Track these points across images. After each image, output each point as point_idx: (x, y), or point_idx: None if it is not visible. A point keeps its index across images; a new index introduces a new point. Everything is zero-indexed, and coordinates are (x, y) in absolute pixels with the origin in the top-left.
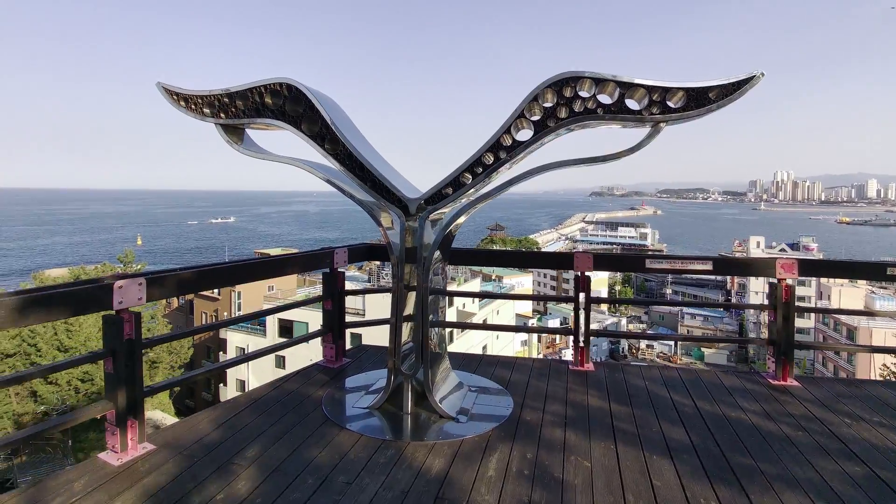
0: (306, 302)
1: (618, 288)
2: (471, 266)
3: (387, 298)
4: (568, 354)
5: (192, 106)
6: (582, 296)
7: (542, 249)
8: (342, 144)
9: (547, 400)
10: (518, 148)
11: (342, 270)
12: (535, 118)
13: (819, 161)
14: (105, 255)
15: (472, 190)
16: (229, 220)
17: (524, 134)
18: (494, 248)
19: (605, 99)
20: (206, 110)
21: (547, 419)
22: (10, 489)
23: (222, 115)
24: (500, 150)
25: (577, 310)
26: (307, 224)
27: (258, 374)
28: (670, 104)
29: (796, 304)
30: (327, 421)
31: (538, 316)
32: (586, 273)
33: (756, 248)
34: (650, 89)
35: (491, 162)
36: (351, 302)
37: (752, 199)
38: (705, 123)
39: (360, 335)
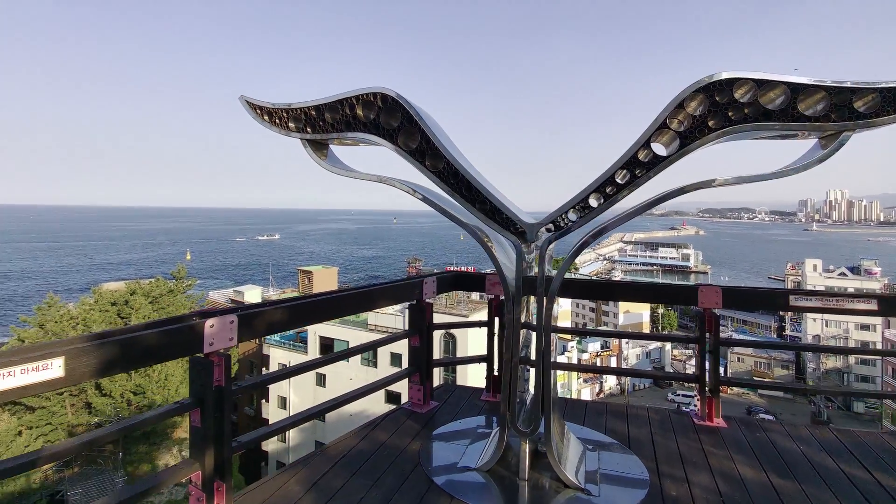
0: (395, 338)
1: (661, 311)
2: (580, 299)
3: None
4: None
5: (277, 120)
6: (708, 336)
7: (580, 271)
8: (445, 161)
9: (686, 467)
10: (658, 163)
11: (430, 301)
12: (681, 129)
13: (876, 179)
14: (158, 269)
15: (601, 213)
16: (275, 237)
17: (664, 147)
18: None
19: (770, 104)
20: (292, 124)
21: (698, 495)
22: (61, 502)
23: (309, 129)
24: (637, 166)
25: (702, 353)
26: (345, 241)
27: (299, 392)
28: (859, 108)
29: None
30: (431, 486)
31: (577, 340)
32: (713, 310)
33: (812, 271)
34: (832, 91)
35: (625, 180)
36: (392, 321)
37: (803, 220)
38: None
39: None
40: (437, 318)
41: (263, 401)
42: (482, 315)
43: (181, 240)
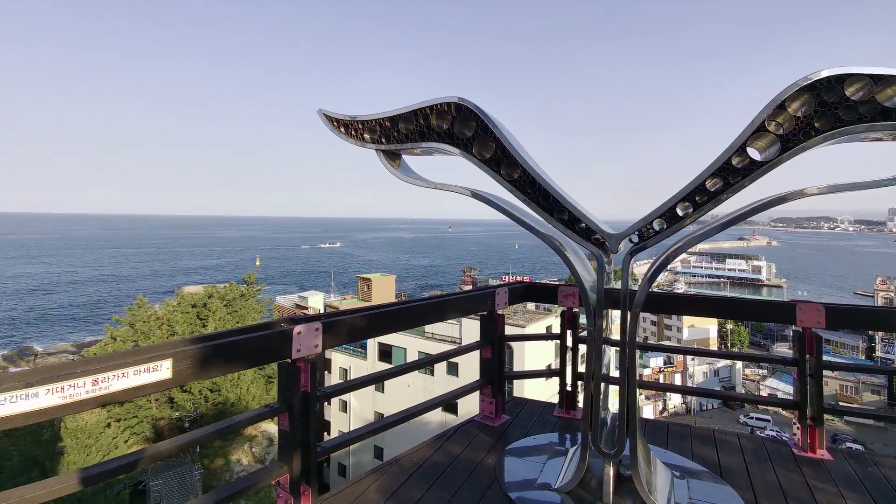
0: (467, 349)
1: (729, 327)
2: (661, 313)
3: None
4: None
5: (353, 132)
6: (809, 359)
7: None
8: (521, 169)
9: (790, 503)
10: (755, 170)
11: (501, 313)
12: (781, 131)
13: None
14: (231, 275)
15: (691, 223)
16: (336, 245)
17: (760, 152)
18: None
19: (888, 101)
20: (367, 136)
21: None
22: (142, 492)
23: (384, 140)
24: (730, 173)
25: (802, 377)
26: (401, 250)
27: (359, 397)
28: None
29: None
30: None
31: (639, 354)
32: (814, 329)
33: None
34: None
35: (717, 188)
36: (448, 329)
37: (894, 230)
38: None
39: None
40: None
41: (326, 403)
42: (538, 326)
43: (251, 247)
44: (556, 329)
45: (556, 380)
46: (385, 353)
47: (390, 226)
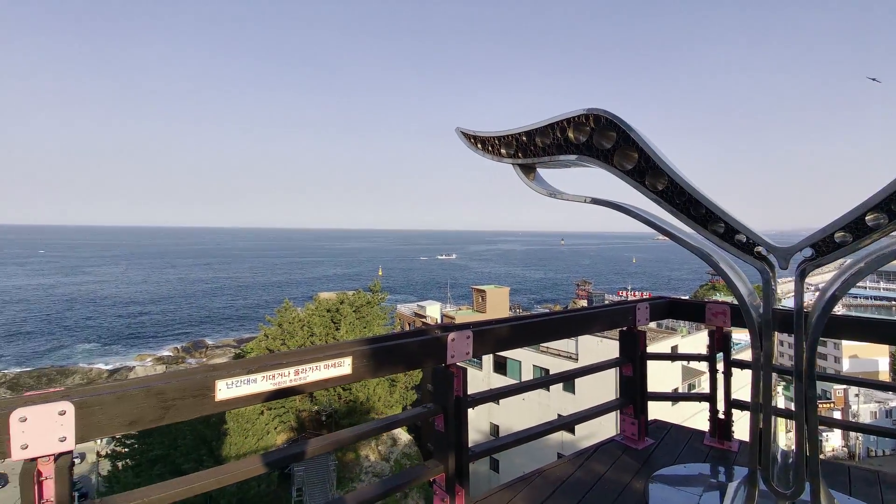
0: (607, 365)
1: None
2: (825, 337)
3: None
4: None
5: (489, 148)
6: None
7: (783, 303)
8: (668, 179)
9: None
10: None
11: (643, 329)
12: None
13: None
14: (358, 283)
15: (881, 237)
16: (452, 256)
17: None
18: (718, 296)
19: None
20: (503, 151)
21: None
22: (288, 476)
23: (520, 154)
24: None
25: None
26: (513, 262)
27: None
28: None
29: None
30: None
31: (784, 385)
32: None
33: None
34: None
35: None
36: (562, 343)
37: None
38: None
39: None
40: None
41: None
42: (662, 346)
43: (374, 258)
44: (686, 348)
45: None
46: (500, 365)
47: (502, 238)
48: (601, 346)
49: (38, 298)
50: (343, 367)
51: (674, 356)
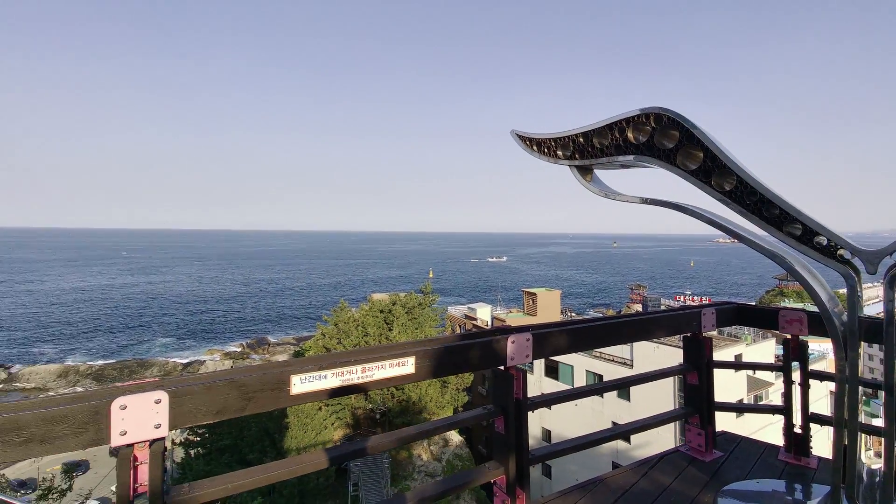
0: (670, 372)
1: None
2: None
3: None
4: None
5: (546, 150)
6: None
7: (865, 311)
8: (737, 178)
9: None
10: None
11: (709, 336)
12: None
13: None
14: (410, 285)
15: None
16: (502, 259)
17: None
18: (787, 302)
19: None
20: (560, 152)
21: None
22: (344, 471)
23: (577, 155)
24: None
25: None
26: (563, 265)
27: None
28: None
29: None
30: None
31: (865, 400)
32: None
33: None
34: None
35: None
36: (616, 349)
37: None
38: None
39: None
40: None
41: None
42: (724, 354)
43: (425, 260)
44: (751, 357)
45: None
46: (552, 369)
47: (552, 241)
48: (657, 353)
49: (123, 296)
50: (407, 366)
51: (744, 365)
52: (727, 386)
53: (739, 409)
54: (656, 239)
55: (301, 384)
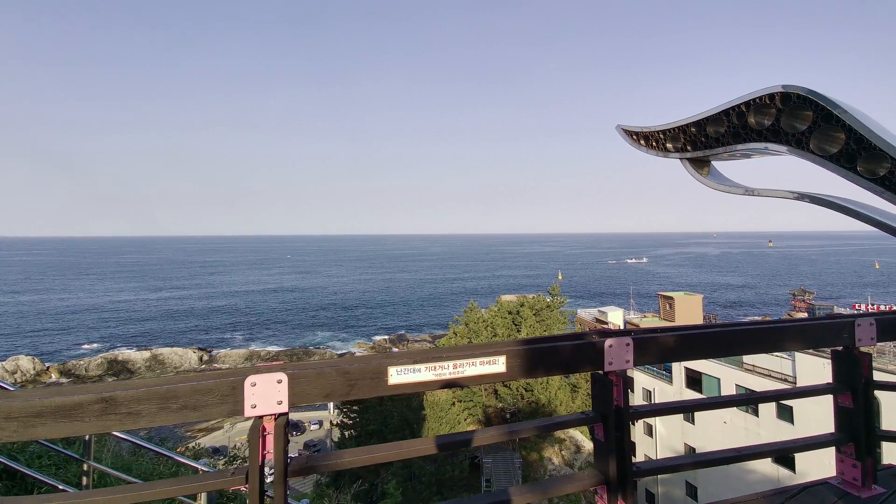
0: (810, 392)
1: None
2: None
3: None
4: None
5: (654, 143)
6: None
7: None
8: (892, 161)
9: None
10: None
11: (867, 351)
12: None
13: None
14: (538, 287)
15: None
16: (643, 260)
17: None
18: None
19: None
20: (670, 145)
21: None
22: (478, 465)
23: (689, 147)
24: None
25: None
26: (705, 267)
27: (666, 424)
28: None
29: None
30: None
31: None
32: None
33: None
34: None
35: None
36: (776, 363)
37: None
38: None
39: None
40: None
41: (631, 423)
42: None
43: (553, 262)
44: None
45: None
46: (694, 380)
47: (693, 241)
48: (828, 370)
49: (290, 292)
50: (497, 364)
51: None
52: None
53: None
54: (823, 237)
55: (397, 375)
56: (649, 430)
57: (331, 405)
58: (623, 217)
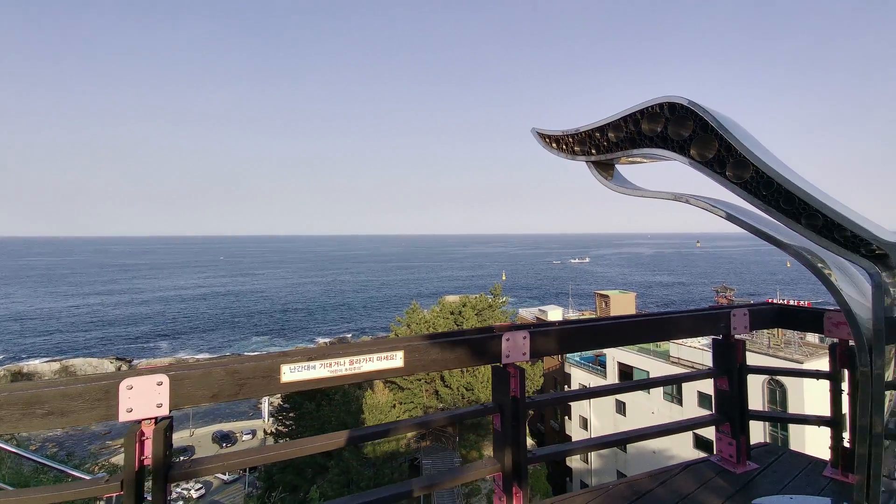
0: (697, 376)
1: None
2: None
3: None
4: None
5: (564, 146)
6: None
7: None
8: (753, 168)
9: None
10: None
11: (742, 338)
12: None
13: None
14: (481, 287)
15: None
16: (586, 260)
17: None
18: None
19: None
20: (577, 148)
21: None
22: (416, 468)
23: (593, 151)
24: None
25: None
26: (639, 266)
27: (600, 417)
28: None
29: None
30: None
31: None
32: None
33: None
34: None
35: None
36: (699, 356)
37: None
38: None
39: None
40: (758, 360)
41: (566, 418)
42: (821, 363)
43: (499, 262)
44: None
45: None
46: (626, 374)
47: (630, 241)
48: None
49: (223, 296)
50: (395, 360)
51: (780, 371)
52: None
53: (779, 418)
54: (744, 237)
55: (291, 373)
56: (584, 424)
57: (265, 413)
58: (570, 218)
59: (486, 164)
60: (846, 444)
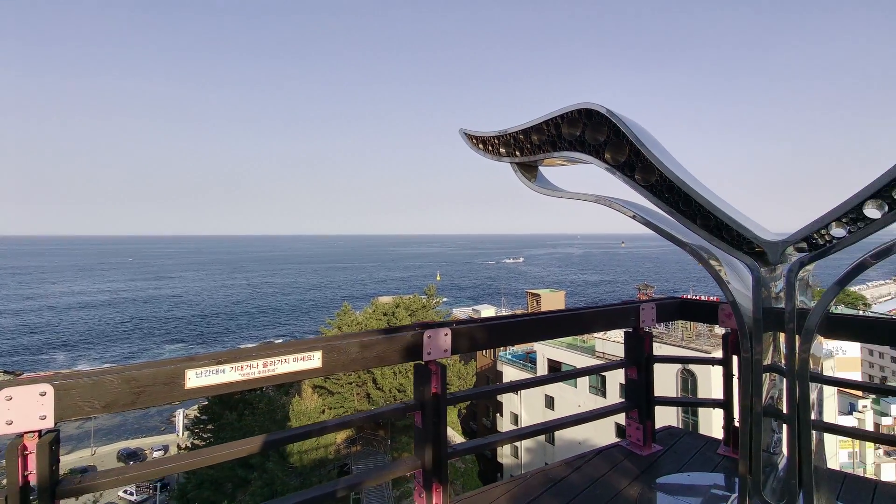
0: (608, 367)
1: None
2: (867, 343)
3: None
4: None
5: (490, 148)
6: None
7: (874, 309)
8: (658, 173)
9: None
10: None
11: (650, 330)
12: None
13: None
14: (415, 287)
15: (885, 227)
16: (520, 260)
17: None
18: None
19: None
20: (502, 150)
21: None
22: (346, 474)
23: (517, 153)
24: None
25: None
26: (570, 266)
27: (530, 411)
28: None
29: None
30: None
31: (874, 399)
32: None
33: None
34: None
35: None
36: (620, 350)
37: None
38: None
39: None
40: (667, 350)
41: (498, 415)
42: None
43: (434, 263)
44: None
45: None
46: (554, 369)
47: (560, 242)
48: (664, 351)
49: (132, 302)
50: (313, 360)
51: (682, 359)
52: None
53: (680, 403)
54: (664, 239)
55: (197, 378)
56: (515, 419)
57: (179, 427)
58: (505, 218)
59: (421, 164)
60: (736, 424)
